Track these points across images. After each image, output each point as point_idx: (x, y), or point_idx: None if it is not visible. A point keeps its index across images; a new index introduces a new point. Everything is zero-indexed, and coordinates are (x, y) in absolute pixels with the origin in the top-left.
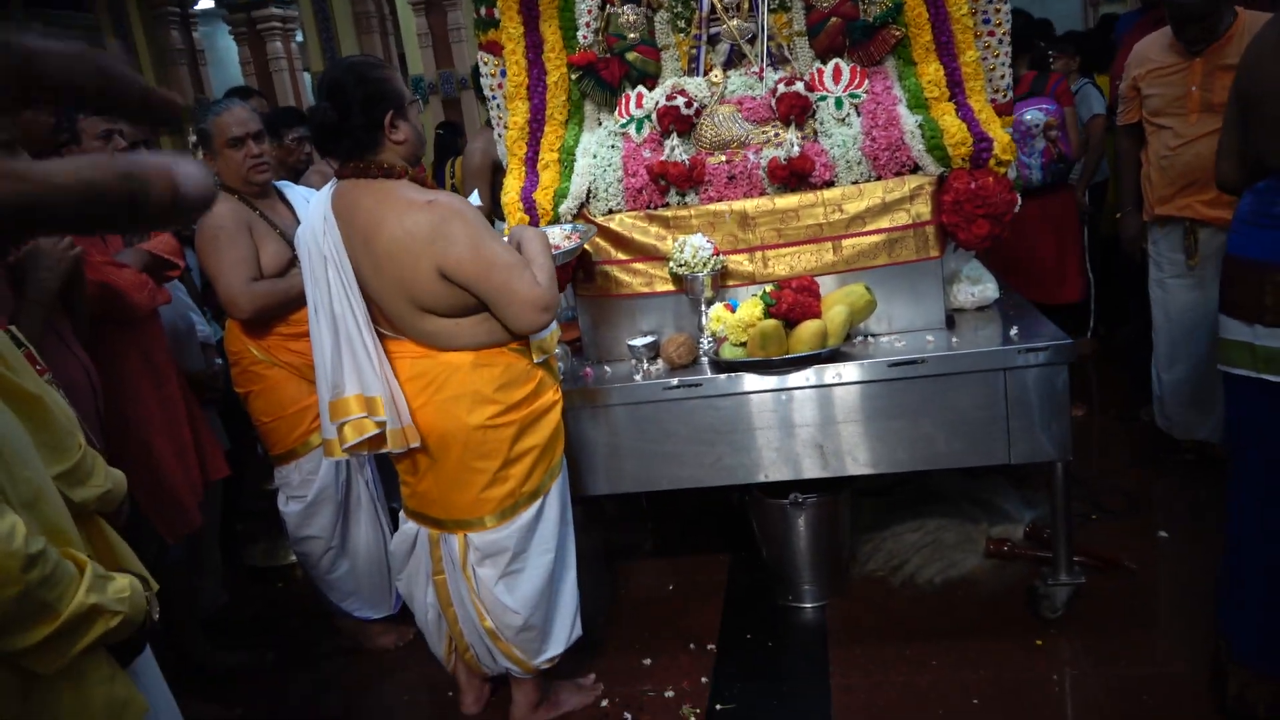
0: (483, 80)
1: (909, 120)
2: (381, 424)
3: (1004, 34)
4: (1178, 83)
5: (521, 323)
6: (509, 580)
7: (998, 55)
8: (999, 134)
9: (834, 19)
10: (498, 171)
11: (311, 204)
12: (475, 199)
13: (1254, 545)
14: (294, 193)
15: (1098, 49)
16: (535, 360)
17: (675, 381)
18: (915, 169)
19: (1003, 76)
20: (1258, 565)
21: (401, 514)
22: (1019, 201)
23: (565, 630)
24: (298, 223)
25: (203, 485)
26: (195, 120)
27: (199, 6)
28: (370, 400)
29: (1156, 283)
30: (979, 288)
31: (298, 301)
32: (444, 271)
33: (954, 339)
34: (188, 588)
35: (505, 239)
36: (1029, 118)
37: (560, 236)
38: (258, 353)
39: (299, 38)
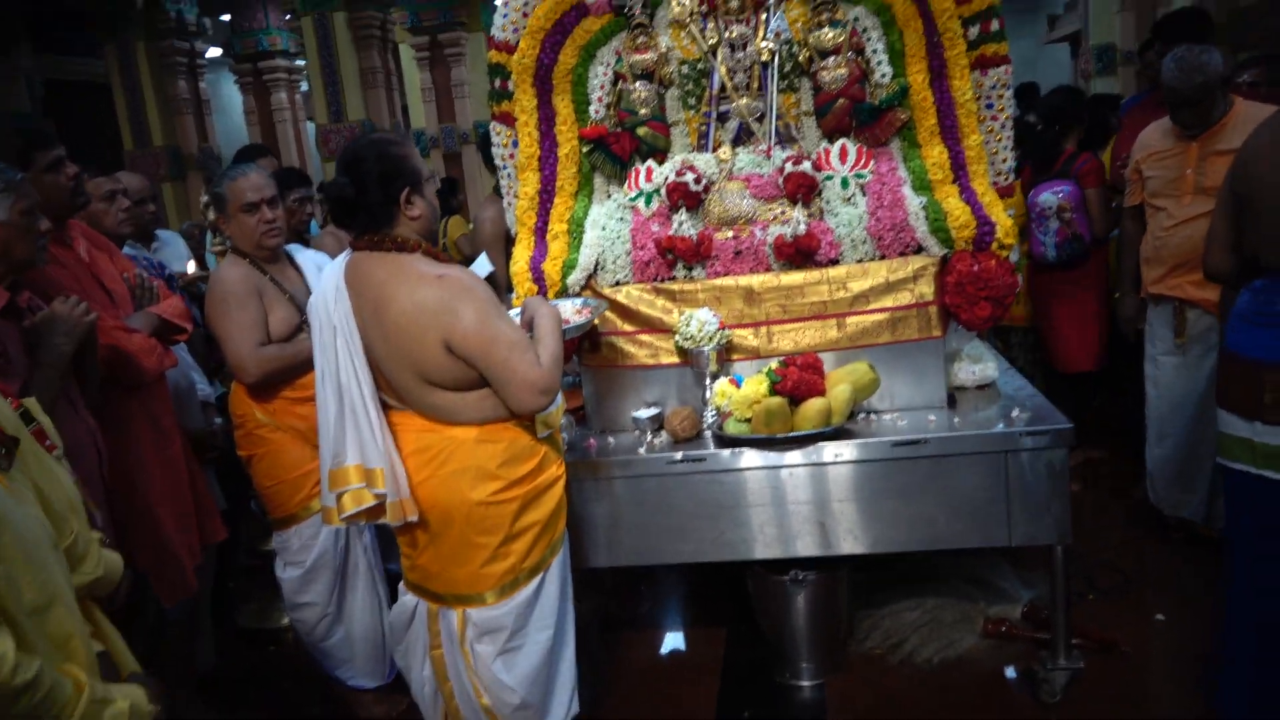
0: (494, 150)
1: (913, 202)
2: (380, 496)
3: (1006, 119)
4: (1174, 166)
5: (519, 403)
6: (507, 658)
7: (1000, 140)
8: (1001, 217)
9: (841, 100)
10: (508, 241)
11: (325, 274)
12: (483, 264)
13: (1240, 632)
14: (304, 257)
15: (1092, 127)
16: (540, 435)
17: (679, 455)
18: (919, 250)
19: (1005, 160)
20: (1243, 653)
21: (401, 586)
22: (1020, 284)
23: (563, 708)
24: (307, 287)
25: (200, 548)
26: (211, 183)
27: (207, 55)
28: (370, 472)
29: (1150, 360)
30: (980, 367)
31: (305, 366)
32: (449, 345)
33: (956, 419)
34: (184, 651)
35: (518, 310)
36: (1043, 200)
37: (571, 311)
38: (262, 416)
39: (304, 88)
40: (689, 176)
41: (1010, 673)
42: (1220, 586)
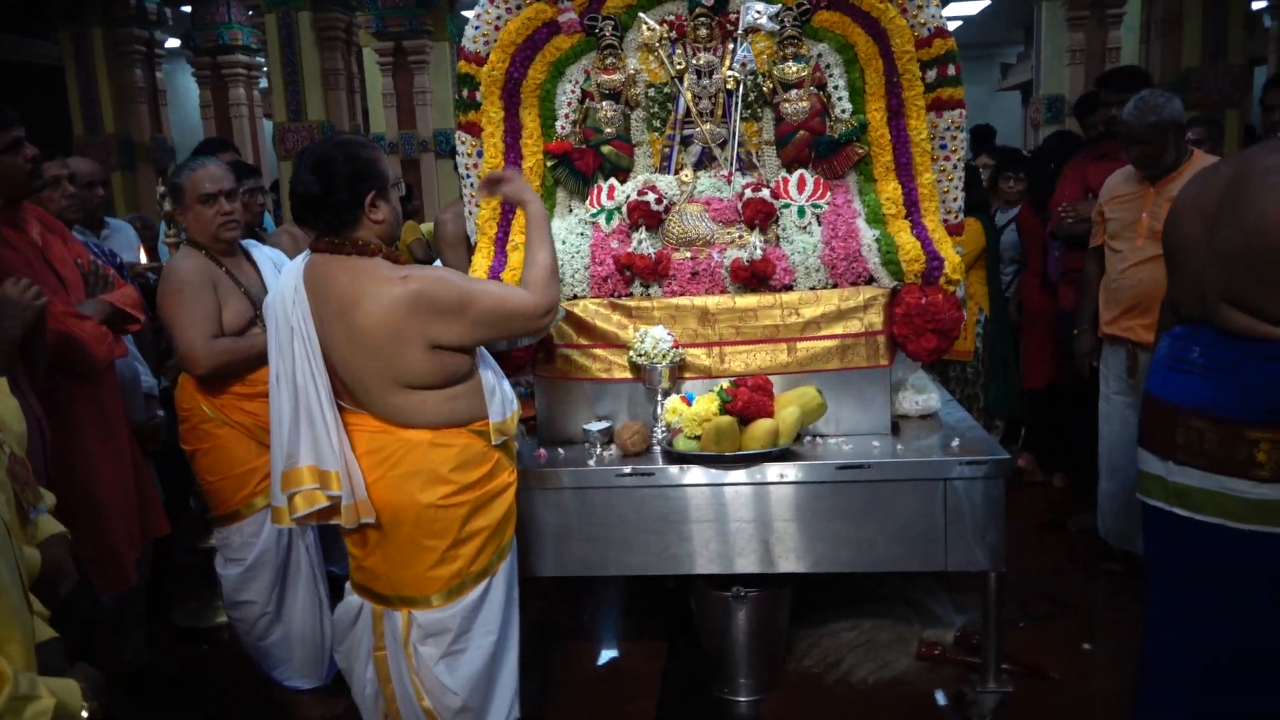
0: (458, 159)
1: (867, 234)
2: (333, 498)
3: (959, 159)
4: (1132, 209)
5: (531, 331)
6: (450, 660)
7: (951, 179)
8: (950, 254)
9: (802, 132)
10: (468, 245)
11: (283, 274)
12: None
13: (1171, 657)
14: (260, 253)
15: (1042, 174)
16: (494, 442)
17: (628, 469)
18: (870, 280)
19: (955, 199)
20: (1178, 676)
21: (347, 586)
22: (964, 319)
23: (503, 713)
24: (262, 282)
25: (142, 541)
26: (169, 173)
27: (165, 46)
28: (324, 473)
29: (1104, 397)
30: (923, 397)
31: (256, 361)
32: (437, 342)
33: (899, 445)
34: (116, 643)
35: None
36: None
37: None
38: (209, 410)
39: (263, 84)
40: (650, 196)
41: (941, 696)
42: (1145, 613)
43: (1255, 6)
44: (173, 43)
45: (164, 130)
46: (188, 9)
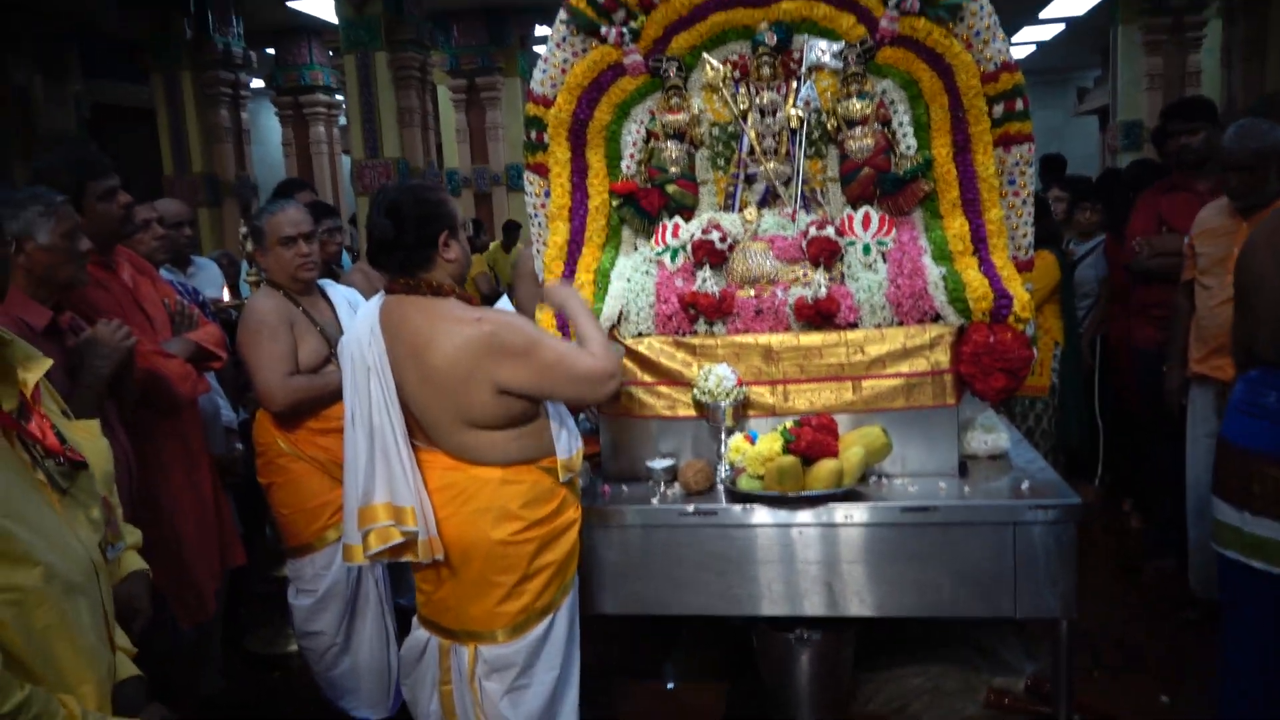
0: (526, 199)
1: (933, 271)
2: (408, 533)
3: (1028, 195)
4: (1223, 244)
5: (594, 397)
6: (514, 695)
7: (1021, 215)
8: (1019, 291)
9: (866, 169)
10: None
11: (359, 315)
12: (504, 304)
13: (1249, 710)
14: (335, 292)
15: (1118, 202)
16: (562, 479)
17: (691, 508)
18: (936, 318)
19: (1025, 235)
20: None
21: (415, 620)
22: (1035, 357)
23: None
24: (337, 321)
25: (221, 572)
26: (251, 216)
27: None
28: (399, 510)
29: (1191, 439)
30: (992, 437)
31: (330, 398)
32: (502, 386)
33: (966, 488)
34: (193, 673)
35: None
36: None
37: None
38: (285, 445)
39: (341, 122)
40: (715, 235)
41: None
42: (1219, 667)
43: None
44: (256, 83)
45: (247, 168)
46: (271, 51)
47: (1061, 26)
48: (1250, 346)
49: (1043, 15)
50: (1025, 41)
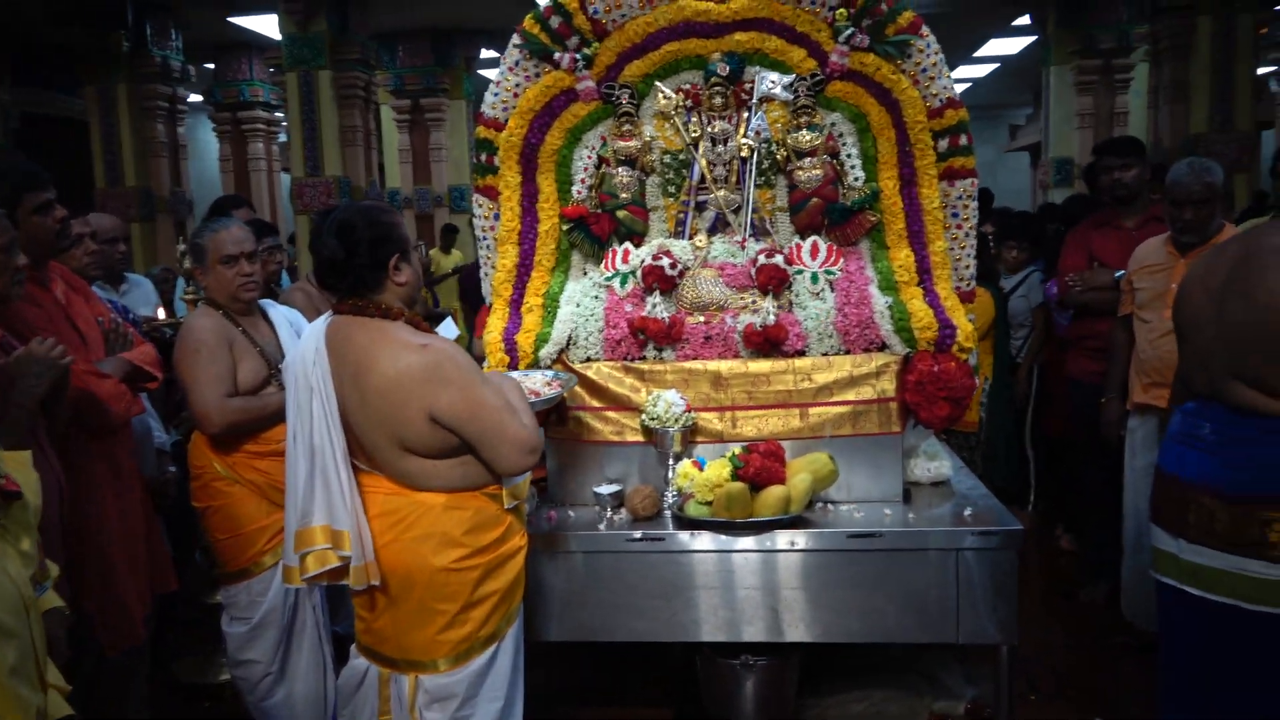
0: (475, 221)
1: (879, 301)
2: (345, 558)
3: (970, 228)
4: (1161, 279)
5: (510, 463)
6: None
7: (964, 247)
8: (962, 321)
9: (815, 200)
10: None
11: (305, 335)
12: (449, 326)
13: None
14: (276, 312)
15: (1043, 236)
16: (507, 506)
17: (639, 534)
18: (883, 347)
19: (967, 266)
20: None
21: (353, 649)
22: (978, 386)
23: None
24: (278, 341)
25: (151, 598)
26: (191, 233)
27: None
28: (337, 533)
29: (1129, 468)
30: (935, 464)
31: (270, 420)
32: (434, 415)
33: (910, 514)
34: (119, 703)
35: None
36: (1051, 290)
37: (541, 383)
38: (221, 469)
39: (281, 139)
40: (665, 261)
41: None
42: (1158, 691)
43: (1262, 72)
44: (195, 98)
45: (183, 183)
46: (211, 66)
47: (995, 65)
48: (1187, 380)
49: (977, 54)
50: (960, 79)
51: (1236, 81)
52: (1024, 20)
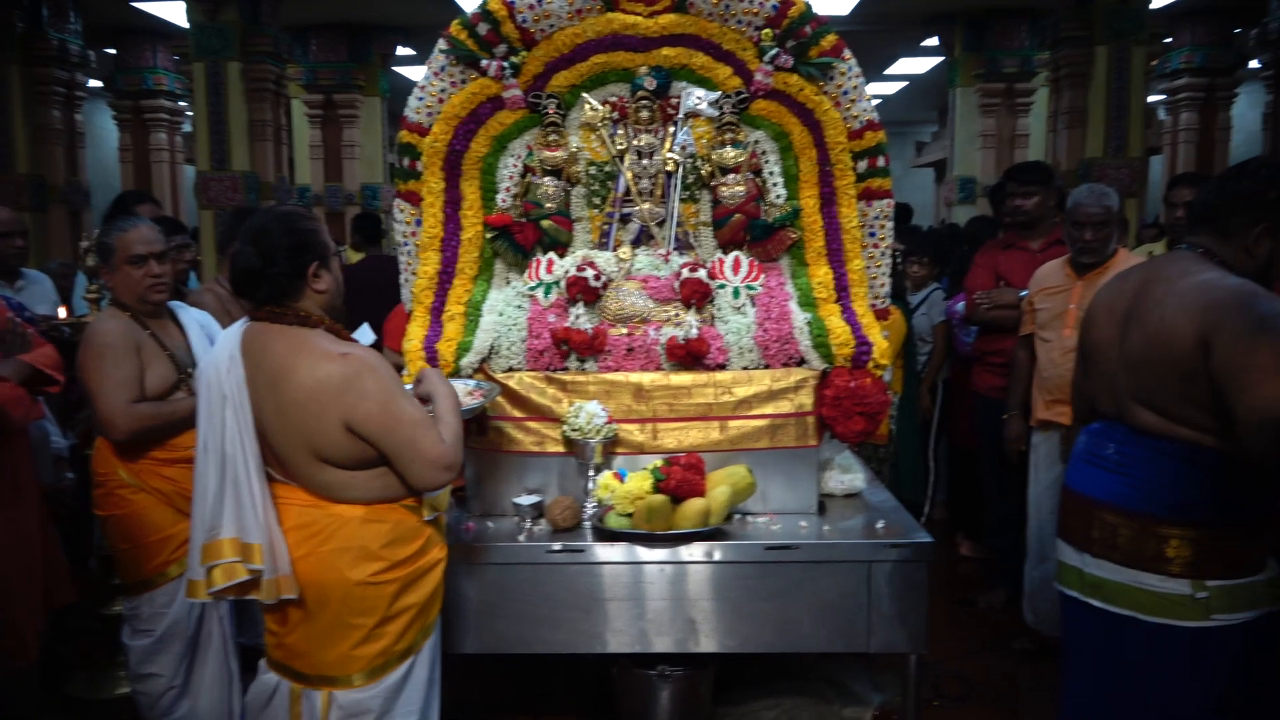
0: (396, 226)
1: (799, 317)
2: (255, 571)
3: (886, 247)
4: (1060, 300)
5: (423, 480)
6: None
7: (880, 265)
8: (878, 339)
9: (738, 216)
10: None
11: (219, 341)
12: (366, 333)
13: None
14: (187, 315)
15: (948, 255)
16: (426, 518)
17: (558, 545)
18: (801, 362)
19: (883, 285)
20: None
21: (262, 663)
22: (890, 402)
23: None
24: (188, 345)
25: (45, 612)
26: (99, 232)
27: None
28: (247, 546)
29: (1034, 483)
30: (849, 477)
31: (177, 426)
32: (351, 425)
33: (825, 526)
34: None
35: (412, 384)
36: (959, 308)
37: (464, 393)
38: (126, 476)
39: (186, 129)
40: (589, 272)
41: None
42: (1060, 697)
43: (1152, 99)
44: (94, 83)
45: (79, 172)
46: (112, 51)
47: (904, 84)
48: (1092, 402)
49: (888, 72)
50: (871, 95)
51: (1129, 110)
52: (933, 41)
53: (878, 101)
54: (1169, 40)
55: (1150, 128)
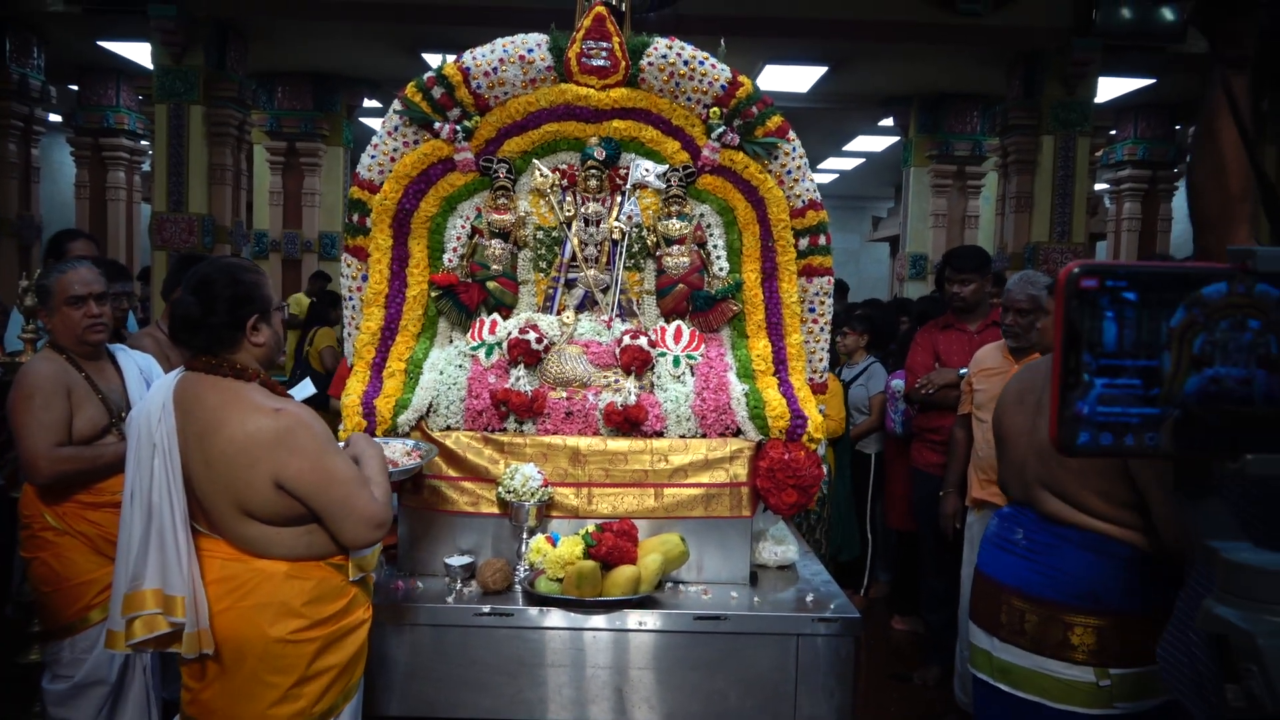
0: (343, 281)
1: (737, 388)
2: (176, 624)
3: (825, 323)
4: (997, 382)
5: (355, 538)
6: None
7: (819, 340)
8: (813, 413)
9: (681, 286)
10: None
11: (153, 389)
12: (305, 387)
13: None
14: (126, 358)
15: (889, 331)
16: (352, 578)
17: (488, 608)
18: (738, 432)
19: (821, 360)
20: None
21: (177, 719)
22: (824, 476)
23: None
24: (124, 389)
25: None
26: (37, 275)
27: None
28: (169, 599)
29: (967, 562)
30: (782, 548)
31: (103, 471)
32: (281, 481)
33: (755, 597)
34: None
35: (342, 443)
36: (895, 385)
37: (401, 453)
38: (51, 519)
39: (145, 168)
40: (531, 335)
41: None
42: None
43: (1098, 188)
44: (54, 117)
45: (33, 207)
46: (74, 87)
47: (862, 160)
48: (1004, 486)
49: (846, 148)
50: (829, 170)
51: (1074, 197)
52: (889, 121)
53: (835, 176)
54: (1114, 132)
55: (1096, 215)
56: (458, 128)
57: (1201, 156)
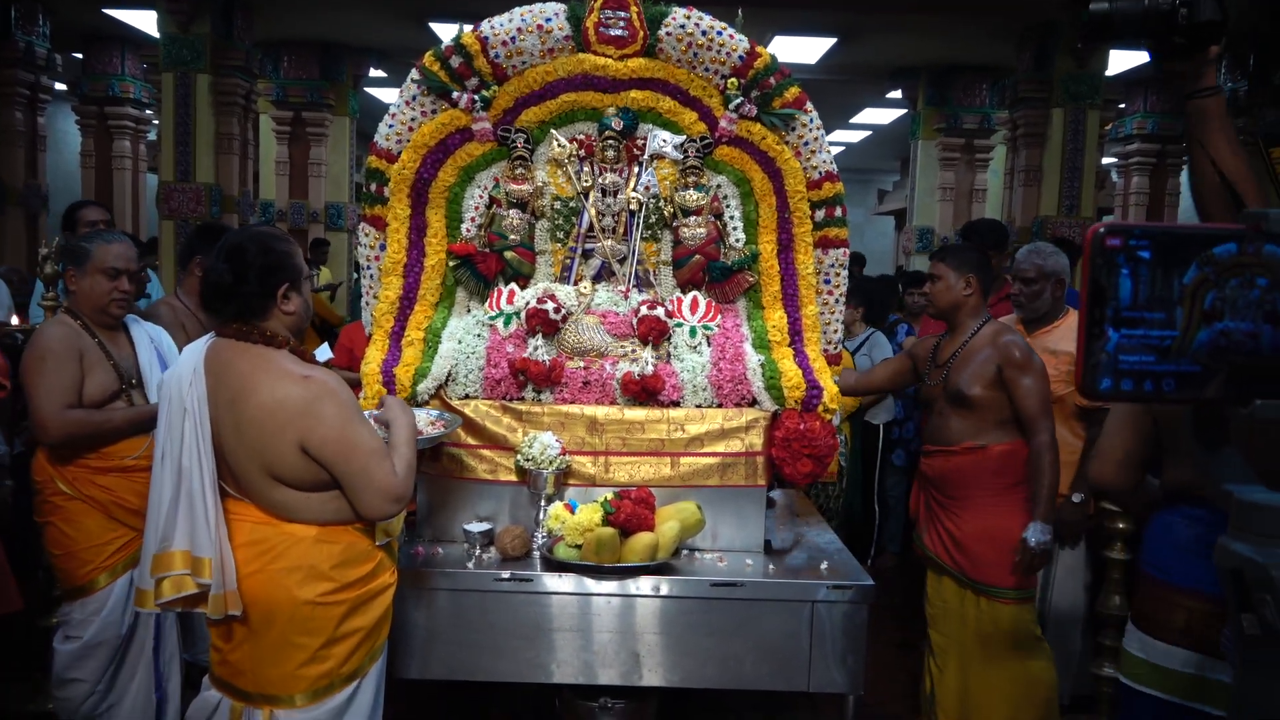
0: (360, 250)
1: (753, 358)
2: (203, 585)
3: (840, 295)
4: None
5: (372, 509)
6: None
7: (834, 312)
8: (828, 383)
9: (698, 257)
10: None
11: (184, 354)
12: (323, 350)
13: None
14: (138, 328)
15: (885, 302)
16: (378, 542)
17: (507, 574)
18: (753, 403)
19: (835, 331)
20: None
21: (205, 680)
22: (839, 446)
23: None
24: (135, 357)
25: None
26: (68, 236)
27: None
28: (197, 560)
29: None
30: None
31: (112, 435)
32: (306, 447)
33: (770, 565)
34: None
35: (371, 411)
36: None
37: (425, 422)
38: (61, 484)
39: (151, 138)
40: (549, 305)
41: None
42: None
43: (1105, 162)
44: (59, 86)
45: (39, 175)
46: (79, 56)
47: (869, 133)
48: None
49: (853, 120)
50: (836, 142)
51: (1084, 170)
52: (896, 94)
53: (842, 149)
54: (1123, 106)
55: (1103, 189)
56: (476, 97)
57: (1197, 180)
